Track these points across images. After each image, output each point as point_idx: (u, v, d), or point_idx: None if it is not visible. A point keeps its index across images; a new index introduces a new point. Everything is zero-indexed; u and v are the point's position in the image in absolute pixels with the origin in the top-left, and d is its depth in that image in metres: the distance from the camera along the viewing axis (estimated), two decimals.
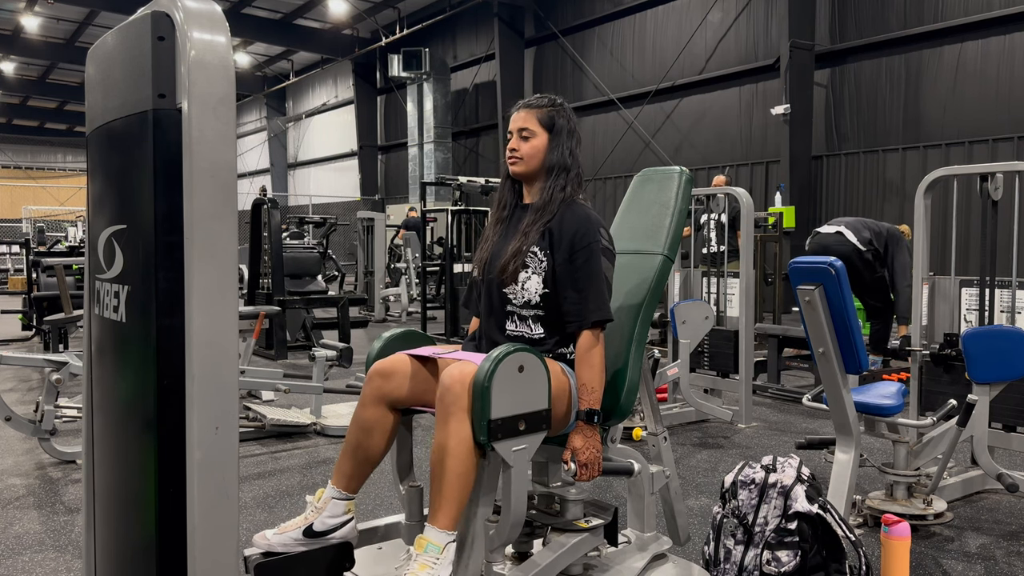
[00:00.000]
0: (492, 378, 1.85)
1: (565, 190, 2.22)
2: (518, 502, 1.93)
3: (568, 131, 2.25)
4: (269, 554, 2.05)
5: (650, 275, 2.35)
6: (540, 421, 1.95)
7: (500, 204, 2.36)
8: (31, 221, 22.26)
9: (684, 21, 14.26)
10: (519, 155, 2.24)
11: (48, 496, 3.72)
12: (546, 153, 2.23)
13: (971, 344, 3.16)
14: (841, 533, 2.38)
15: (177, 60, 1.41)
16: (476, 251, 2.40)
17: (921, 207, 3.94)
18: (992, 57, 10.40)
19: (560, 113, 2.25)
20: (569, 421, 2.13)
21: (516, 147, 2.24)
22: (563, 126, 2.25)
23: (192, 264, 1.40)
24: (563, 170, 2.22)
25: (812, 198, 12.29)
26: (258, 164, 29.34)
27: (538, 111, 2.24)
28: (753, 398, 5.34)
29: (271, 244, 7.88)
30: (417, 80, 19.41)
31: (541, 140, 2.23)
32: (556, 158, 2.22)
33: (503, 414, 1.87)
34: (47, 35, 21.98)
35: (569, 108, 2.31)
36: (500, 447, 1.88)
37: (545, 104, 2.25)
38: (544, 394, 1.96)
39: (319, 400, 4.96)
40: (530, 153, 2.23)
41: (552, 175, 2.22)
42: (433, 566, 1.86)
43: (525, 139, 2.23)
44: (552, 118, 2.24)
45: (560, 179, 2.22)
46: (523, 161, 2.24)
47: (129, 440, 1.55)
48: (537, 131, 2.23)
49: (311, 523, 2.09)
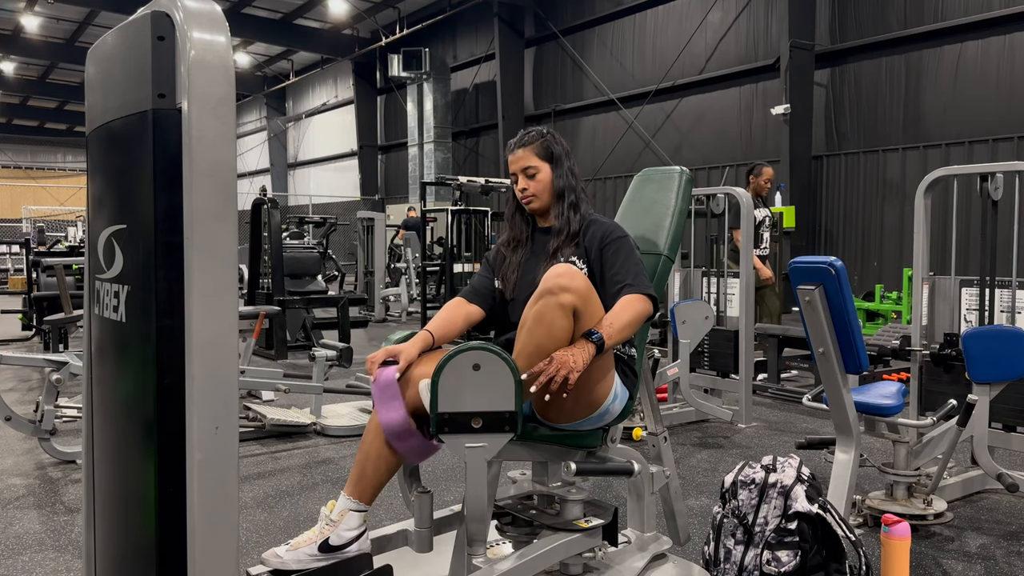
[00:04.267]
0: (440, 372, 1.86)
1: (578, 207, 2.37)
2: (474, 498, 1.93)
3: (564, 154, 2.40)
4: (281, 572, 1.98)
5: (650, 275, 2.36)
6: (502, 422, 1.90)
7: (514, 231, 2.47)
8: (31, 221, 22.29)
9: (684, 21, 14.26)
10: (531, 193, 2.37)
11: (48, 496, 3.72)
12: (553, 183, 2.37)
13: (971, 344, 3.16)
14: (841, 533, 2.38)
15: (177, 60, 1.41)
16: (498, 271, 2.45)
17: (921, 207, 3.94)
18: (992, 57, 10.40)
19: (553, 141, 2.39)
20: (593, 414, 2.10)
21: (526, 186, 2.37)
22: (559, 152, 2.38)
23: (192, 264, 1.39)
24: (571, 191, 2.38)
25: (812, 198, 12.30)
26: (258, 164, 29.34)
27: (534, 146, 2.37)
28: (753, 398, 5.34)
29: (271, 244, 7.88)
30: (417, 80, 19.42)
31: (545, 174, 2.36)
32: (563, 183, 2.37)
33: (453, 409, 1.87)
34: (47, 35, 21.98)
35: (556, 133, 2.44)
36: (449, 441, 1.88)
37: (537, 138, 2.38)
38: (509, 396, 1.89)
39: (319, 400, 4.95)
40: (540, 189, 2.36)
41: (564, 198, 2.37)
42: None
43: (532, 176, 2.36)
44: (548, 148, 2.37)
45: (571, 198, 2.37)
46: (537, 198, 2.37)
47: (129, 440, 1.55)
48: (540, 165, 2.36)
49: (327, 537, 2.03)
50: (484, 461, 1.92)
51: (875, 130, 11.75)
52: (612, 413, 2.16)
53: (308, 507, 3.54)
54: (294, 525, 3.32)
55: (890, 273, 11.31)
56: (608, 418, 2.16)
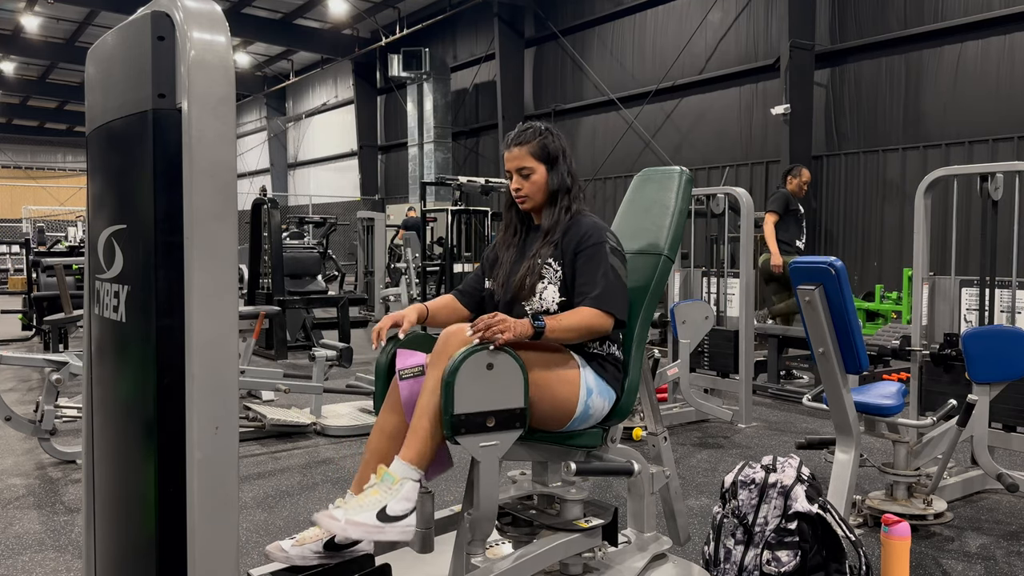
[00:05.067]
0: (456, 374, 1.87)
1: (571, 208, 2.32)
2: (487, 497, 1.94)
3: (562, 153, 2.33)
4: (286, 569, 1.96)
5: (650, 275, 2.35)
6: (513, 419, 1.94)
7: (509, 229, 2.44)
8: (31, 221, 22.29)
9: (684, 21, 14.26)
10: (524, 194, 2.32)
11: (48, 496, 3.72)
12: (547, 184, 2.32)
13: (971, 344, 3.16)
14: (841, 533, 2.38)
15: (177, 60, 1.41)
16: (491, 271, 2.44)
17: (921, 207, 3.94)
18: (992, 57, 10.39)
19: (550, 139, 2.32)
20: (571, 419, 2.12)
21: (520, 186, 2.32)
22: (557, 151, 2.32)
23: (192, 264, 1.40)
24: (566, 192, 2.32)
25: (812, 198, 12.29)
26: (258, 164, 29.34)
27: (530, 145, 2.30)
28: (753, 398, 5.34)
29: (271, 244, 7.88)
30: (417, 80, 19.41)
31: (540, 175, 2.31)
32: (558, 184, 2.32)
33: (469, 410, 1.88)
34: (47, 35, 21.98)
35: (555, 130, 2.36)
36: (466, 442, 1.89)
37: (534, 136, 2.31)
38: (519, 393, 1.95)
39: (319, 400, 4.95)
40: (534, 189, 2.31)
41: (558, 199, 2.32)
42: (384, 493, 1.92)
43: (526, 177, 2.31)
44: (545, 147, 2.30)
45: (564, 200, 2.32)
46: (530, 198, 2.33)
47: (129, 440, 1.55)
48: (535, 166, 2.30)
49: (332, 535, 2.03)
50: (497, 460, 1.94)
51: (875, 130, 11.74)
52: (596, 408, 2.16)
53: (308, 507, 3.54)
54: (294, 525, 3.32)
55: (890, 273, 11.30)
56: (595, 414, 2.17)
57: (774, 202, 6.71)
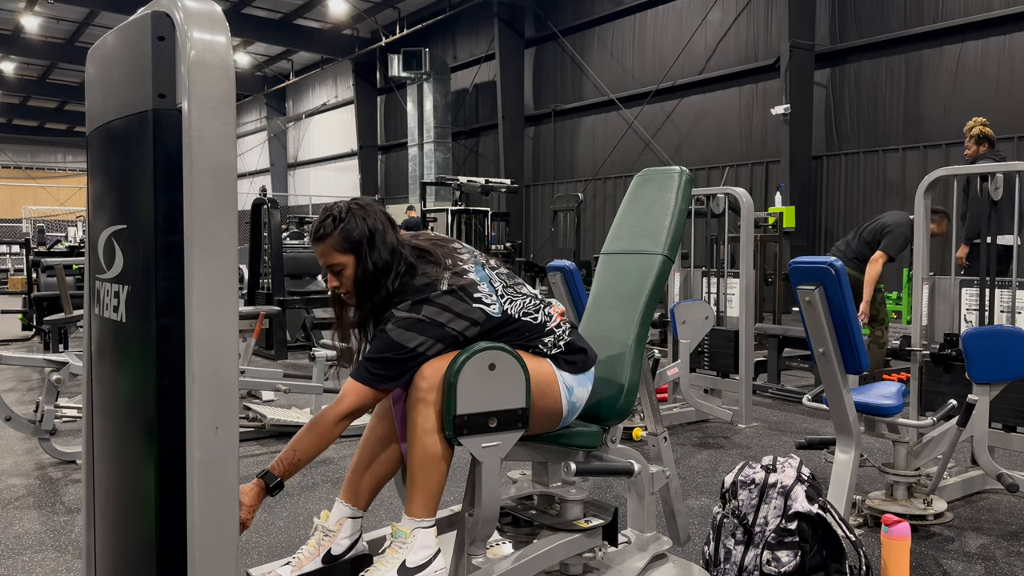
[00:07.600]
0: (458, 374, 1.87)
1: (415, 270, 2.04)
2: (489, 498, 1.94)
3: (368, 234, 2.00)
4: None
5: (650, 275, 2.35)
6: (515, 420, 1.94)
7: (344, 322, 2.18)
8: (31, 221, 22.29)
9: (684, 21, 14.26)
10: (345, 291, 2.07)
11: (48, 496, 3.72)
12: (357, 276, 2.03)
13: (971, 344, 3.16)
14: (841, 533, 2.38)
15: (177, 60, 1.41)
16: None
17: (921, 207, 3.94)
18: (992, 57, 10.40)
19: (349, 222, 2.00)
20: (561, 419, 2.11)
21: (337, 283, 2.06)
22: (360, 235, 2.00)
23: (192, 264, 1.40)
24: (384, 273, 2.02)
25: (812, 198, 12.30)
26: (258, 164, 29.34)
27: (331, 239, 2.01)
28: (753, 398, 5.34)
29: (271, 244, 7.88)
30: (417, 80, 19.41)
31: (350, 268, 2.02)
32: (369, 270, 2.01)
33: (471, 410, 1.88)
34: (47, 35, 21.98)
35: (357, 206, 2.05)
36: (468, 443, 1.89)
37: (333, 227, 2.01)
38: (521, 393, 1.95)
39: (319, 400, 4.95)
40: (351, 285, 2.05)
41: (379, 282, 2.03)
42: (399, 550, 1.90)
43: (338, 273, 2.04)
44: (346, 237, 2.00)
45: (388, 281, 2.02)
46: (351, 294, 2.07)
47: (129, 440, 1.55)
48: (342, 260, 2.02)
49: (328, 549, 2.05)
50: (499, 460, 1.94)
51: (875, 130, 11.75)
52: (581, 398, 2.13)
53: (308, 507, 3.54)
54: (294, 525, 3.32)
55: (890, 273, 11.30)
56: (581, 404, 2.14)
57: (892, 242, 5.42)
